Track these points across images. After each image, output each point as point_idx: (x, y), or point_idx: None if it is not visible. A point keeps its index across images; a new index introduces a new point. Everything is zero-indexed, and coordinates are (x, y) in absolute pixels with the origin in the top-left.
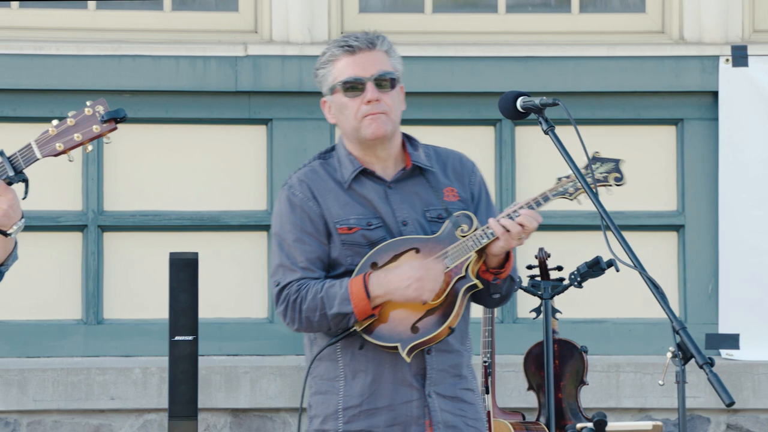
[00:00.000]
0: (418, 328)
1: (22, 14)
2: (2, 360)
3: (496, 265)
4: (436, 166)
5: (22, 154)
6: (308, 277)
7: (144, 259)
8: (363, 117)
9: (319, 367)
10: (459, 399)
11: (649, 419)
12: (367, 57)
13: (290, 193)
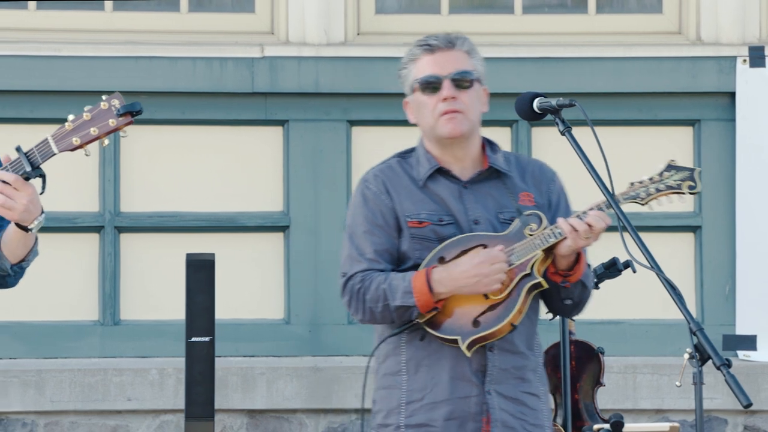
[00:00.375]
0: (479, 322)
1: (39, 16)
2: (19, 361)
3: (566, 267)
4: (514, 171)
5: (39, 150)
6: (374, 269)
7: (161, 260)
8: (440, 115)
9: (385, 362)
10: (520, 402)
11: (666, 420)
12: (446, 56)
13: (365, 187)
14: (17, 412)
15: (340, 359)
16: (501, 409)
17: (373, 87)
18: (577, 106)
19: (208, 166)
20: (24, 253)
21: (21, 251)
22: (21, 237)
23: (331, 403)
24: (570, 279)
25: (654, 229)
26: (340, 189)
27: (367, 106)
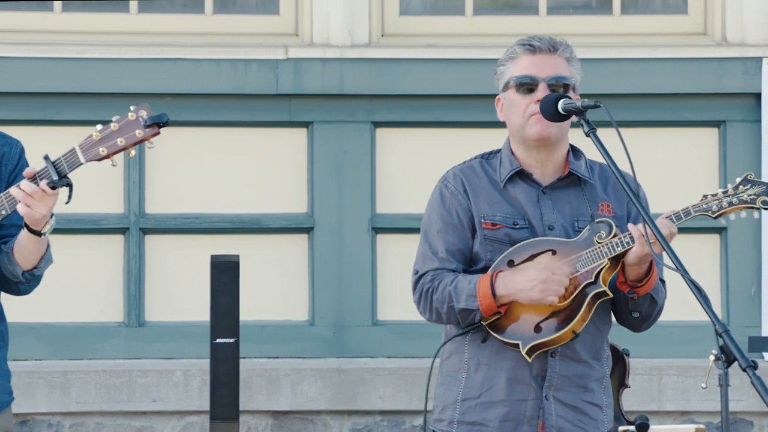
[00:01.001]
0: (541, 328)
1: (64, 18)
2: (45, 362)
3: (635, 278)
4: (596, 181)
5: (66, 159)
6: (445, 268)
7: (185, 262)
8: (530, 116)
9: (449, 360)
10: (580, 410)
11: (692, 422)
12: (546, 59)
13: (443, 185)
14: (43, 413)
15: (365, 361)
16: (558, 416)
17: (398, 88)
18: (602, 107)
19: (233, 168)
20: (37, 259)
21: (34, 257)
22: (34, 242)
23: (356, 404)
24: (638, 291)
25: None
26: (365, 190)
27: (391, 107)
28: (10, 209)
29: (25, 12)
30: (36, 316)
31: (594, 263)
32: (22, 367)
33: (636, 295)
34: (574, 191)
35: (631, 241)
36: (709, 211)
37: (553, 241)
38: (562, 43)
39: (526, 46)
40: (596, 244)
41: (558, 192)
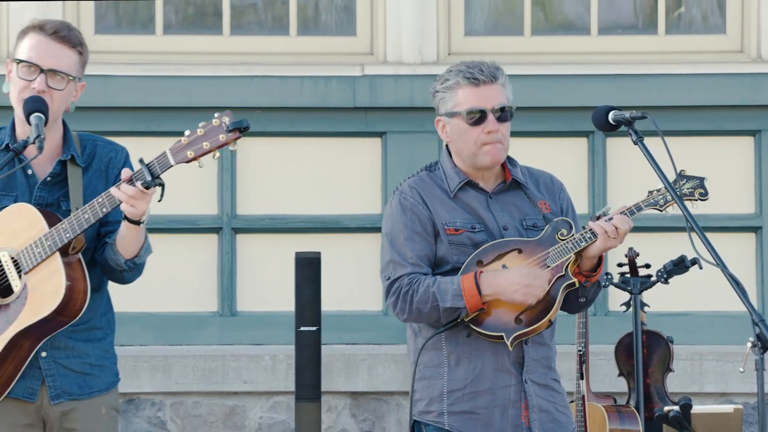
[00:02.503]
0: (521, 320)
1: (166, 41)
2: (149, 347)
3: (589, 268)
4: (530, 183)
5: (159, 161)
6: (417, 272)
7: (272, 258)
8: (482, 144)
9: (424, 356)
10: (550, 387)
11: (730, 403)
12: (489, 90)
13: (402, 198)
14: (147, 393)
15: None
16: (536, 395)
17: None
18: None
19: (314, 174)
20: (137, 249)
21: (133, 247)
22: (133, 232)
23: None
24: (591, 279)
25: (718, 230)
26: None
27: None
28: (111, 207)
29: (131, 35)
30: (140, 306)
31: (562, 258)
32: (128, 352)
33: (589, 283)
34: (516, 194)
35: (593, 236)
36: (657, 205)
37: (517, 240)
38: (499, 69)
39: (470, 79)
40: (559, 240)
41: (502, 196)
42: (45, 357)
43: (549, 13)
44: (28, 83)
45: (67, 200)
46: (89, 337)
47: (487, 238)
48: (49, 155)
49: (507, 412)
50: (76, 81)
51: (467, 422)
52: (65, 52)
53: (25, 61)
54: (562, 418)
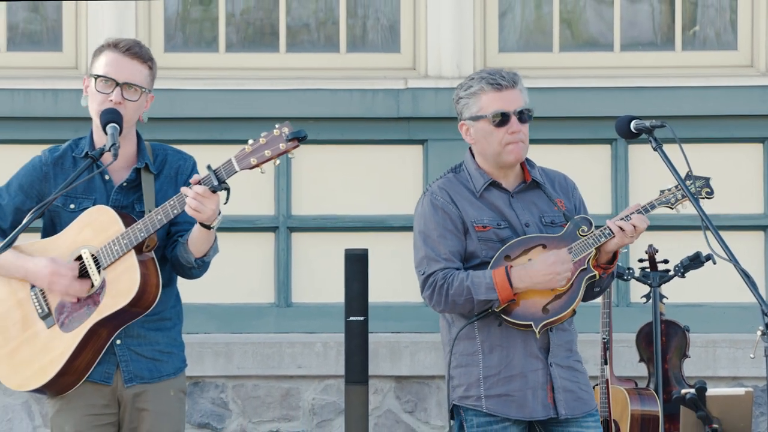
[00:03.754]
0: (548, 309)
1: (228, 57)
2: (212, 335)
3: (605, 261)
4: (546, 183)
5: (224, 168)
6: (450, 267)
7: (324, 254)
8: (506, 144)
9: (458, 345)
10: (573, 369)
11: (741, 386)
12: (510, 94)
13: (433, 198)
14: (211, 376)
15: None
16: (561, 377)
17: None
18: (666, 126)
19: (362, 178)
20: (206, 249)
21: (204, 247)
22: (204, 235)
23: None
24: (607, 271)
25: (730, 228)
26: None
27: None
28: (181, 208)
29: (197, 53)
30: (205, 298)
31: (585, 252)
32: (194, 339)
33: (605, 274)
34: (535, 193)
35: (610, 233)
36: (668, 203)
37: (541, 236)
38: (517, 75)
39: (493, 84)
40: (580, 236)
41: (523, 195)
42: (120, 344)
43: (575, 31)
44: (105, 96)
45: (140, 203)
46: (159, 326)
47: (511, 235)
48: (124, 163)
49: (537, 393)
50: (147, 93)
51: (503, 404)
52: (138, 67)
53: (103, 76)
54: (584, 396)
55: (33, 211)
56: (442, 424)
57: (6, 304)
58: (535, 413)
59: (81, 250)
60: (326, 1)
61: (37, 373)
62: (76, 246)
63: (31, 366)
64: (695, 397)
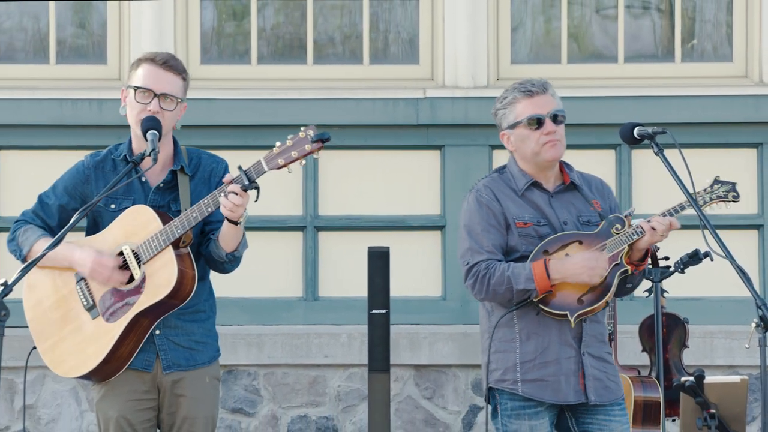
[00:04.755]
0: (583, 301)
1: (260, 69)
2: (245, 327)
3: (637, 259)
4: (584, 185)
5: (254, 168)
6: (493, 259)
7: (349, 252)
8: (543, 144)
9: (498, 332)
10: (603, 359)
11: (737, 374)
12: (542, 99)
13: (478, 195)
14: (244, 365)
15: None
16: (591, 366)
17: None
18: (667, 133)
19: (384, 180)
20: (235, 244)
21: (233, 242)
22: (233, 231)
23: (477, 360)
24: (639, 268)
25: (727, 227)
26: None
27: None
28: (214, 207)
29: (231, 65)
30: (238, 292)
31: (618, 248)
32: (227, 330)
33: (637, 271)
34: (573, 194)
35: (642, 231)
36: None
37: (577, 233)
38: (546, 82)
39: (525, 92)
40: (615, 234)
41: (562, 195)
42: (158, 334)
43: (582, 45)
44: (144, 106)
45: (176, 203)
46: (195, 318)
47: (550, 231)
48: (161, 165)
49: (569, 379)
50: (181, 102)
51: (538, 388)
52: (173, 78)
53: (142, 87)
54: (612, 385)
55: (79, 211)
56: (458, 410)
57: (53, 297)
58: (568, 398)
59: (122, 247)
60: (350, 17)
61: (83, 360)
62: (117, 243)
63: (78, 354)
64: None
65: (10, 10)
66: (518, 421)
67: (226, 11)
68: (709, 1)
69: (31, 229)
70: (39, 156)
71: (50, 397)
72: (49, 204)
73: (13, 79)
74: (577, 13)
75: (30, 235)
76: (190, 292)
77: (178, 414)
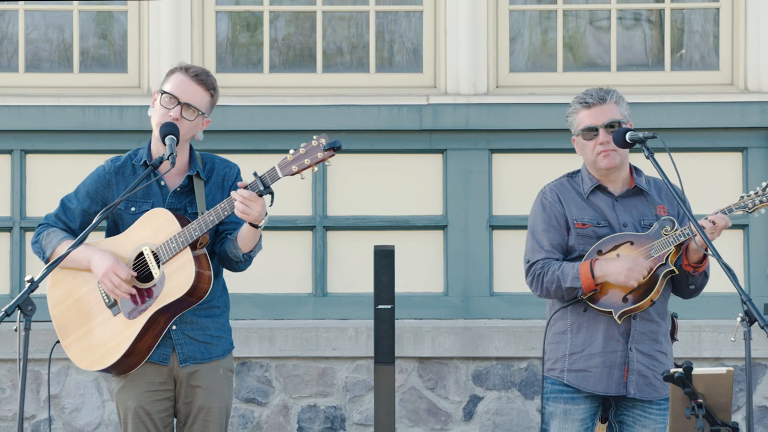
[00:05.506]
0: (627, 299)
1: (271, 77)
2: (257, 321)
3: (696, 260)
4: (653, 191)
5: (269, 174)
6: (551, 258)
7: (356, 250)
8: (598, 154)
9: (553, 325)
10: (653, 357)
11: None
12: (599, 109)
13: (543, 198)
14: (256, 357)
15: (484, 321)
16: (638, 362)
17: (508, 125)
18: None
19: (389, 182)
20: (252, 246)
21: (250, 244)
22: (252, 233)
23: (477, 352)
24: (698, 270)
25: None
26: (484, 199)
27: (503, 138)
28: (230, 210)
29: (244, 74)
30: (252, 288)
31: (664, 250)
32: (241, 325)
33: (696, 273)
34: (639, 199)
35: (690, 233)
36: (746, 208)
37: (630, 234)
38: (609, 91)
39: (582, 103)
40: (663, 236)
41: (626, 200)
42: (175, 330)
43: (577, 54)
44: (167, 111)
45: (192, 206)
46: (209, 314)
47: (610, 233)
48: (177, 171)
49: (613, 372)
50: (203, 116)
51: (582, 378)
52: (200, 92)
53: (168, 93)
54: (657, 384)
55: (100, 213)
56: (459, 400)
57: (76, 295)
58: (609, 389)
59: (142, 248)
60: (357, 28)
61: (105, 354)
62: (137, 244)
63: (100, 348)
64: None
65: (36, 21)
66: (555, 404)
67: (240, 23)
68: (696, 13)
69: (54, 232)
70: (63, 159)
71: (74, 387)
72: (72, 208)
73: (39, 87)
74: (572, 25)
75: (53, 237)
76: (207, 290)
77: (194, 404)
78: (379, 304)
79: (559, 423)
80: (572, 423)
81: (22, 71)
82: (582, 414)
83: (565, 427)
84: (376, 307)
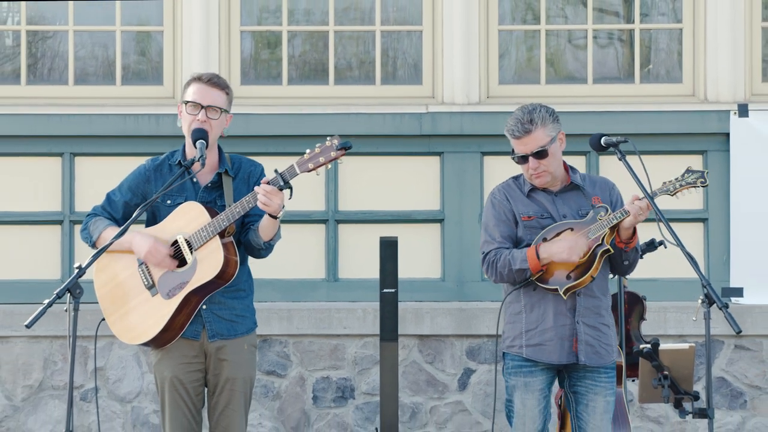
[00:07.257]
0: (570, 276)
1: (289, 89)
2: (277, 303)
3: (626, 237)
4: (588, 185)
5: (288, 171)
6: (502, 247)
7: (364, 241)
8: (531, 176)
9: (508, 307)
10: (597, 329)
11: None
12: (526, 139)
13: (492, 197)
14: (276, 335)
15: (476, 303)
16: (585, 333)
17: (497, 130)
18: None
19: (393, 181)
20: (272, 235)
21: (270, 233)
22: (271, 223)
23: (470, 330)
24: (629, 246)
25: (678, 220)
26: (476, 196)
27: (494, 143)
28: (254, 203)
29: (266, 86)
30: (273, 274)
31: (600, 232)
32: (263, 306)
33: (628, 248)
34: (576, 193)
35: (623, 213)
36: (669, 191)
37: (570, 222)
38: (533, 119)
39: (511, 135)
40: (598, 220)
41: (564, 194)
42: (205, 309)
43: (558, 68)
44: (194, 117)
45: (221, 199)
46: (236, 296)
47: (552, 223)
48: (208, 169)
49: (564, 343)
50: (225, 113)
51: (539, 351)
52: (217, 93)
53: (191, 102)
54: (602, 351)
55: (142, 206)
56: (454, 372)
57: (118, 278)
58: (562, 359)
59: (177, 236)
60: (365, 46)
61: (145, 330)
62: (173, 233)
63: (140, 325)
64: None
65: (83, 41)
66: (515, 378)
67: (261, 41)
68: (662, 33)
69: (100, 220)
70: (106, 161)
71: (117, 360)
72: (115, 200)
73: (86, 98)
74: (554, 43)
75: (99, 224)
76: (233, 274)
77: (221, 375)
78: (384, 288)
79: (521, 394)
80: (532, 393)
81: (72, 84)
82: (540, 384)
83: (527, 398)
84: (382, 291)
